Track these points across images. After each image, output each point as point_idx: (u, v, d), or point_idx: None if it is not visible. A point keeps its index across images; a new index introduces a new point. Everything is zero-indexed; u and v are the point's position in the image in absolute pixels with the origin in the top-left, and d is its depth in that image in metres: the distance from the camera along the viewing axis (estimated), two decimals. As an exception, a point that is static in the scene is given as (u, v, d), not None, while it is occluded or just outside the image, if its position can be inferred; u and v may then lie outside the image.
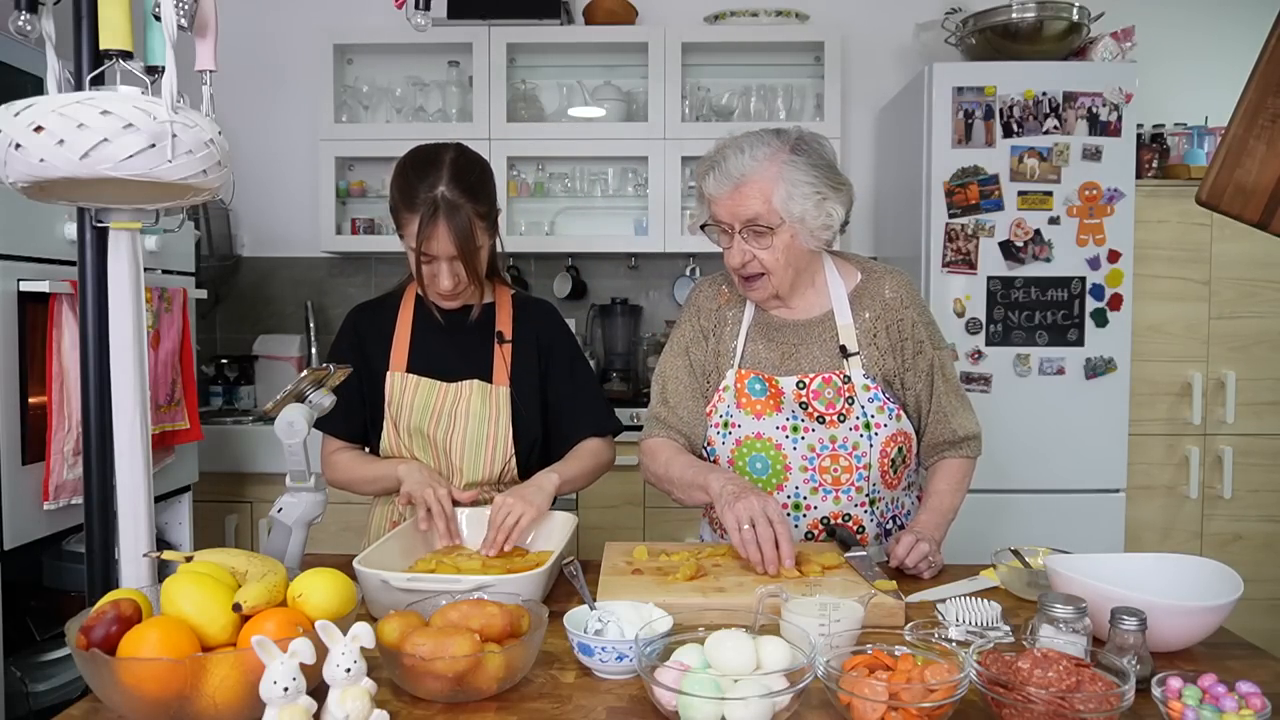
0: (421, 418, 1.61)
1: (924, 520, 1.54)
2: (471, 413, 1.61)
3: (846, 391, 1.52)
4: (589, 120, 3.16)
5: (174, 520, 2.42)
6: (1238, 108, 1.28)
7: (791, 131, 1.49)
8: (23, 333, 1.85)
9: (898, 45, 3.27)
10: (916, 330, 1.56)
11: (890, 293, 1.56)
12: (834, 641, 1.03)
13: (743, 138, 1.48)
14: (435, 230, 1.48)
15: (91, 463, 1.30)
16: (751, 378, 1.57)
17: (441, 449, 1.61)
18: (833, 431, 1.52)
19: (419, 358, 1.64)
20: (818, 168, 1.45)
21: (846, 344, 1.54)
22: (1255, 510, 2.79)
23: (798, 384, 1.53)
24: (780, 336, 1.58)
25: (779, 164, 1.44)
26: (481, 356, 1.64)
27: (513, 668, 0.99)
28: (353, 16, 3.27)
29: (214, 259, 3.18)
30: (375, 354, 1.66)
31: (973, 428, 1.60)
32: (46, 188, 1.09)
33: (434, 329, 1.66)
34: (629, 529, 2.75)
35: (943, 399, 1.57)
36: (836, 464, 1.53)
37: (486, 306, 1.68)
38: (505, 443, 1.61)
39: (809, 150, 1.46)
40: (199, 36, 1.14)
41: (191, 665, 0.87)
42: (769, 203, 1.44)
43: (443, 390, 1.62)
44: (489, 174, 1.60)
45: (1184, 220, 2.73)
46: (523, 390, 1.64)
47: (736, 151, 1.45)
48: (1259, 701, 0.88)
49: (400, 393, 1.62)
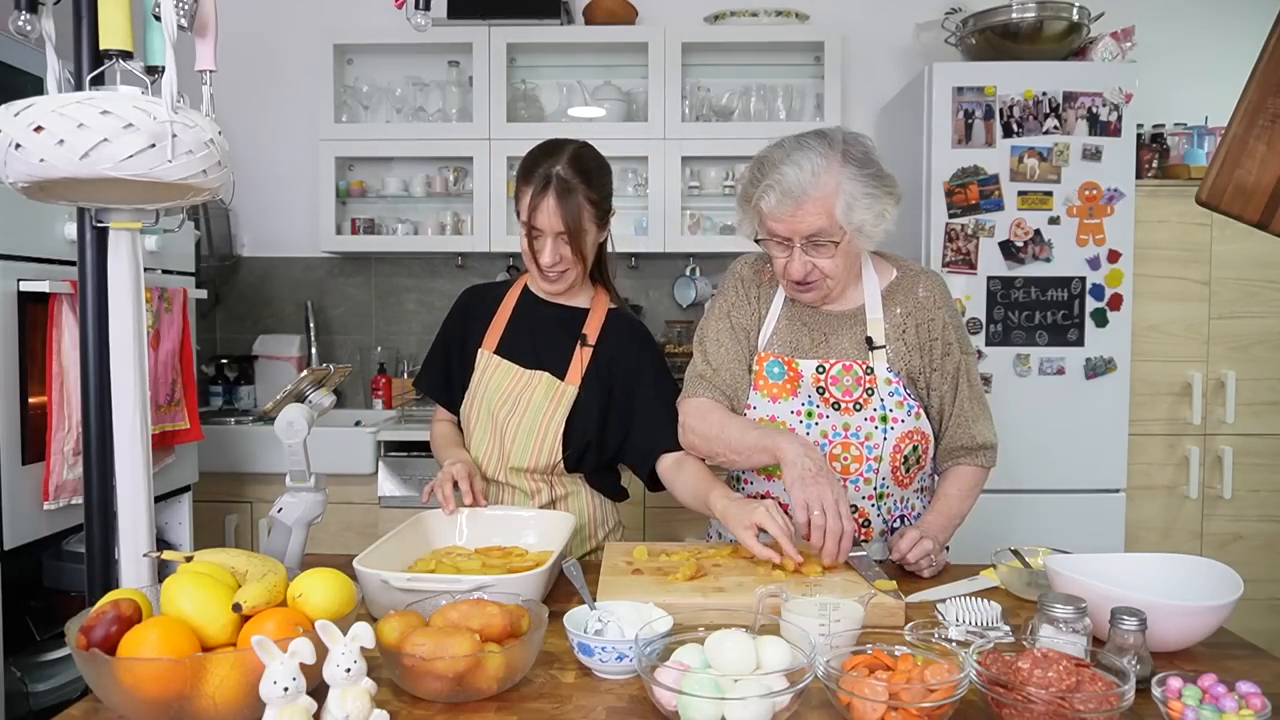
0: (494, 397, 1.67)
1: (930, 521, 1.53)
2: (533, 401, 1.65)
3: (867, 382, 1.52)
4: (589, 120, 3.16)
5: (174, 520, 2.42)
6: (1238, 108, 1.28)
7: (835, 134, 1.46)
8: (23, 333, 1.85)
9: (898, 45, 3.27)
10: (947, 332, 1.55)
11: (924, 292, 1.56)
12: (834, 641, 1.03)
13: (791, 148, 1.44)
14: (544, 202, 1.55)
15: (91, 463, 1.30)
16: (770, 360, 1.57)
17: (500, 429, 1.66)
18: (847, 419, 1.52)
19: (508, 342, 1.71)
20: (868, 173, 1.43)
21: (873, 336, 1.53)
22: (1255, 510, 2.79)
23: (817, 368, 1.54)
24: (812, 323, 1.58)
25: (836, 177, 1.41)
26: (562, 353, 1.68)
27: (513, 668, 0.99)
28: (353, 16, 3.27)
29: (214, 259, 3.18)
30: (475, 331, 1.75)
31: (990, 438, 1.58)
32: (46, 188, 1.09)
33: (530, 319, 1.73)
34: (629, 529, 2.74)
35: (965, 404, 1.56)
36: (847, 452, 1.52)
37: (582, 311, 1.72)
38: (555, 437, 1.63)
39: (858, 155, 1.44)
40: (199, 36, 1.14)
41: (191, 665, 0.87)
42: (831, 216, 1.42)
43: (517, 375, 1.68)
44: (608, 171, 1.67)
45: (1184, 220, 2.73)
46: (589, 394, 1.65)
47: (794, 168, 1.41)
48: (1259, 701, 0.88)
49: (483, 370, 1.70)
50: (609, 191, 1.66)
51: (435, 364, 1.79)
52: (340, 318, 3.40)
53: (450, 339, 1.78)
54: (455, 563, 1.35)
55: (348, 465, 2.73)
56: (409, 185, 3.23)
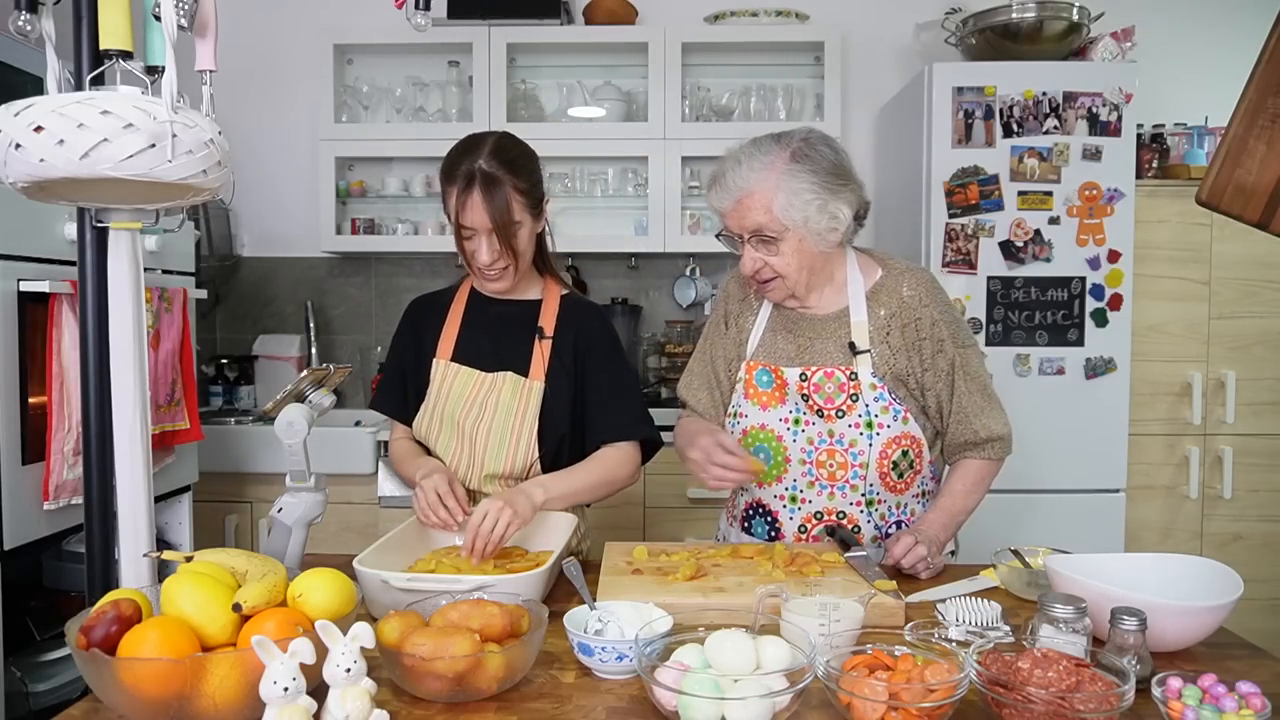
0: (456, 405, 1.64)
1: (930, 519, 1.52)
2: (500, 403, 1.62)
3: (851, 388, 1.52)
4: (589, 120, 3.16)
5: (174, 520, 2.42)
6: (1238, 108, 1.28)
7: (795, 134, 1.48)
8: (23, 333, 1.84)
9: (898, 45, 3.27)
10: (937, 329, 1.53)
11: (908, 291, 1.55)
12: (834, 641, 1.03)
13: (744, 148, 1.49)
14: (471, 200, 1.51)
15: (91, 463, 1.30)
16: (759, 369, 1.59)
17: (469, 437, 1.62)
18: (831, 426, 1.53)
19: (464, 348, 1.68)
20: (818, 172, 1.44)
21: (856, 341, 1.53)
22: (1255, 510, 2.79)
23: (800, 376, 1.54)
24: (798, 330, 1.59)
25: (777, 173, 1.44)
26: (521, 351, 1.65)
27: (513, 668, 0.99)
28: (353, 16, 3.27)
29: (214, 259, 3.18)
30: (428, 342, 1.71)
31: (999, 429, 1.56)
32: (46, 188, 1.09)
33: (481, 322, 1.70)
34: (629, 529, 2.75)
35: (964, 399, 1.55)
36: (833, 459, 1.53)
37: (534, 303, 1.70)
38: (530, 437, 1.61)
39: (810, 155, 1.45)
40: (199, 36, 1.14)
41: (191, 665, 0.87)
42: (770, 212, 1.45)
43: (479, 380, 1.64)
44: (533, 158, 1.62)
45: (1184, 220, 2.73)
46: (556, 387, 1.63)
47: (734, 164, 1.47)
48: (1259, 701, 0.88)
49: (442, 380, 1.66)
50: (538, 179, 1.61)
51: (391, 382, 1.74)
52: (340, 318, 3.40)
53: (403, 355, 1.73)
54: (455, 563, 1.35)
55: (348, 465, 2.73)
56: (409, 185, 3.23)
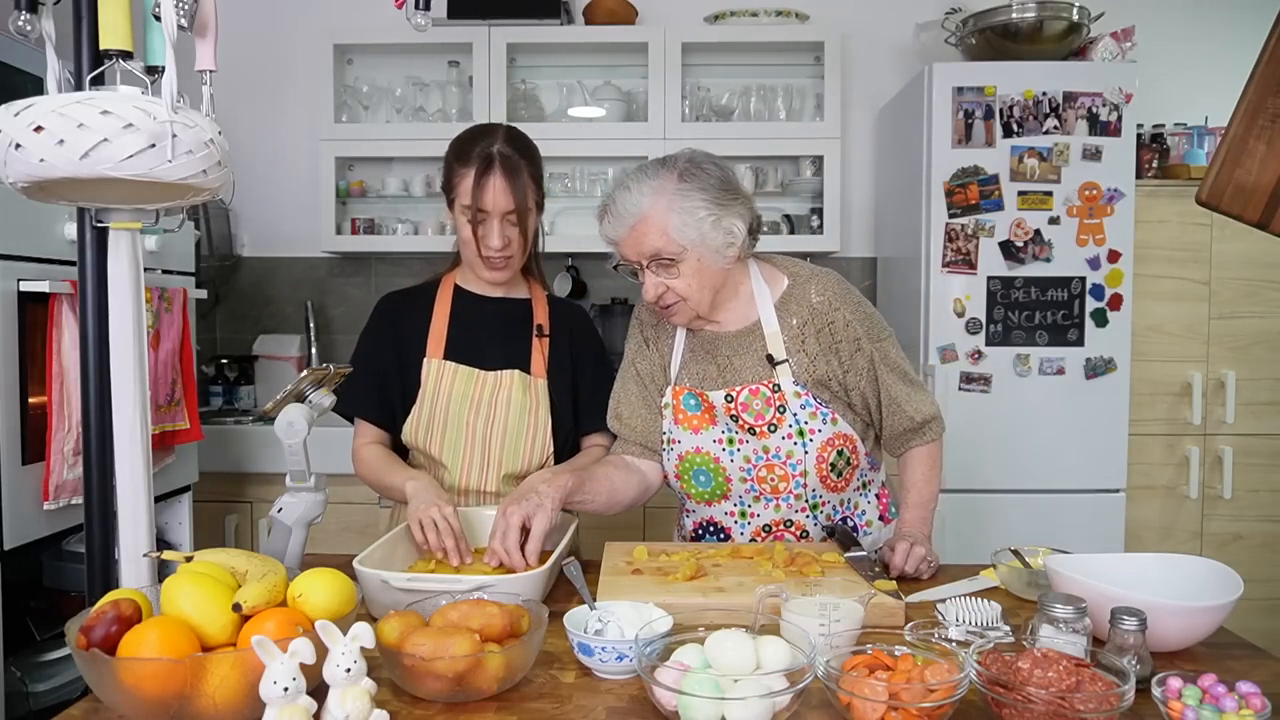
0: (460, 406, 1.60)
1: (909, 519, 1.54)
2: (513, 402, 1.60)
3: (777, 401, 1.51)
4: (589, 120, 3.16)
5: (174, 520, 2.42)
6: (1238, 108, 1.28)
7: (680, 156, 1.49)
8: (23, 333, 1.84)
9: (898, 45, 3.27)
10: (851, 329, 1.52)
11: (816, 297, 1.53)
12: (834, 641, 1.03)
13: (631, 175, 1.49)
14: (490, 181, 1.51)
15: (91, 463, 1.30)
16: (686, 394, 1.57)
17: (480, 439, 1.59)
18: (764, 442, 1.52)
19: (457, 346, 1.64)
20: (708, 189, 1.45)
21: (773, 352, 1.52)
22: (1255, 510, 2.79)
23: (726, 397, 1.53)
24: (714, 350, 1.57)
25: (668, 195, 1.44)
26: (520, 348, 1.64)
27: (513, 668, 0.99)
28: (353, 16, 3.26)
29: (214, 259, 3.18)
30: (409, 340, 1.65)
31: (929, 409, 1.56)
32: (46, 188, 1.09)
33: (472, 318, 1.66)
34: (629, 529, 2.75)
35: (891, 389, 1.54)
36: (773, 474, 1.52)
37: (524, 302, 1.69)
38: (545, 434, 1.61)
39: (698, 174, 1.46)
40: (199, 36, 1.14)
41: (191, 665, 0.87)
42: (666, 234, 1.44)
43: (481, 379, 1.61)
44: (539, 152, 1.64)
45: (1184, 220, 2.73)
46: (557, 384, 1.64)
47: (624, 191, 1.46)
48: (1259, 701, 0.88)
49: (437, 380, 1.61)
50: (543, 173, 1.63)
51: (363, 382, 1.62)
52: (340, 318, 3.39)
53: (379, 354, 1.64)
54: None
55: (348, 465, 2.70)
56: (409, 185, 3.23)
